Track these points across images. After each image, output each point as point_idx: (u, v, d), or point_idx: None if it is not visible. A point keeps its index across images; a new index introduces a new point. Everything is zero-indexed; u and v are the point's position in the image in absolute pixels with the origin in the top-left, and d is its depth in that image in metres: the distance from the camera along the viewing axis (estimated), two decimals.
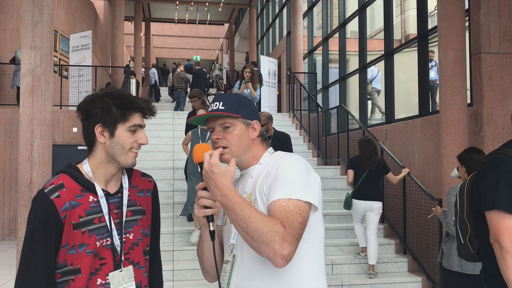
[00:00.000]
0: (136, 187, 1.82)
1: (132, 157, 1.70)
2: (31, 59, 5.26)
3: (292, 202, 1.49)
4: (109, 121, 1.67)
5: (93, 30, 15.95)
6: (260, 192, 1.60)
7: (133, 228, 1.77)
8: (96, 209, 1.68)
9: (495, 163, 2.01)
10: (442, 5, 5.75)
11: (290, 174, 1.55)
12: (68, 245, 1.64)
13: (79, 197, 1.66)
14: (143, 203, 1.82)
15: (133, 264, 1.76)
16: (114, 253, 1.71)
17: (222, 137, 1.65)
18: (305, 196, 1.51)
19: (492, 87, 5.84)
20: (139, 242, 1.78)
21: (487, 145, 5.73)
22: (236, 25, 26.82)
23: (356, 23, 10.50)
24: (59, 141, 10.50)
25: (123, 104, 1.68)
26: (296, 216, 1.47)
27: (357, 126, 8.82)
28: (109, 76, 14.09)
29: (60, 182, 1.66)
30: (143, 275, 1.79)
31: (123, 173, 1.80)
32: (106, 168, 1.71)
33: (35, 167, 5.22)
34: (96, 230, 1.67)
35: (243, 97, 1.74)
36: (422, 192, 6.31)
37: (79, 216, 1.64)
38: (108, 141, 1.68)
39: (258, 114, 1.76)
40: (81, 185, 1.68)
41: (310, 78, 14.18)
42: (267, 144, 1.77)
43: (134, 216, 1.78)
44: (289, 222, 1.45)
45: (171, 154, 9.41)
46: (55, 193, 1.63)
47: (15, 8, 12.18)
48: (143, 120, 1.74)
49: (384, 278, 6.01)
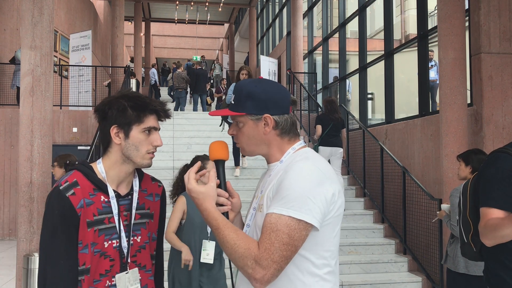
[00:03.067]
0: (146, 190, 1.83)
1: (148, 158, 1.71)
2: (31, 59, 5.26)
3: (282, 219, 1.40)
4: (124, 122, 1.68)
5: (93, 30, 15.95)
6: (267, 198, 1.52)
7: (141, 231, 1.78)
8: (107, 209, 1.69)
9: (492, 160, 2.04)
10: (442, 5, 5.75)
11: (291, 185, 1.42)
12: (82, 244, 1.64)
13: (92, 196, 1.67)
14: (152, 207, 1.83)
15: (140, 267, 1.76)
16: (122, 255, 1.71)
17: (236, 133, 1.62)
18: (299, 214, 1.39)
19: (492, 87, 5.84)
20: (146, 245, 1.79)
21: (487, 145, 5.73)
22: (236, 25, 26.82)
23: (356, 23, 10.50)
24: (59, 141, 10.50)
25: (137, 106, 1.69)
26: (281, 237, 1.38)
27: (357, 126, 8.82)
28: (108, 76, 14.09)
29: (75, 180, 1.66)
30: (149, 278, 1.79)
31: (134, 176, 1.80)
32: (120, 168, 1.72)
33: (35, 167, 5.22)
34: (105, 230, 1.68)
35: (255, 86, 1.56)
36: (422, 192, 6.31)
37: (92, 214, 1.65)
38: (123, 142, 1.69)
39: (274, 102, 1.54)
40: (94, 184, 1.69)
41: (310, 78, 14.18)
42: (291, 137, 1.59)
43: (142, 219, 1.79)
44: (268, 244, 1.38)
45: (171, 154, 9.40)
46: (70, 191, 1.63)
47: (15, 8, 12.18)
48: (158, 122, 1.74)
49: (384, 278, 6.01)
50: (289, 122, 1.57)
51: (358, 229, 6.93)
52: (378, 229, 7.00)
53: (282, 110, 1.56)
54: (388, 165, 7.36)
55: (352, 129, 9.11)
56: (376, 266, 6.18)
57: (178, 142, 9.82)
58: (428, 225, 6.23)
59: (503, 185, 1.96)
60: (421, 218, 6.40)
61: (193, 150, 9.71)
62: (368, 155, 8.11)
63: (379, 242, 6.72)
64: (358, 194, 8.04)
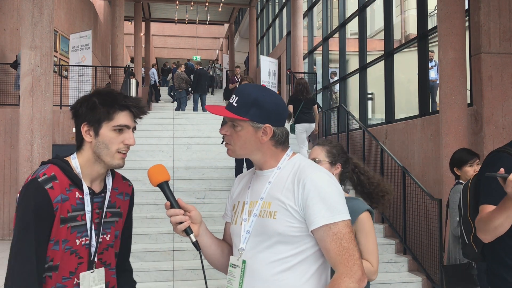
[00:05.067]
0: (117, 189, 1.81)
1: (118, 158, 1.67)
2: (31, 59, 5.26)
3: (339, 225, 1.50)
4: (93, 120, 1.64)
5: (93, 30, 15.94)
6: (285, 208, 1.55)
7: (111, 229, 1.77)
8: (80, 206, 1.66)
9: (493, 160, 2.04)
10: (442, 5, 5.75)
11: (326, 193, 1.52)
12: (54, 240, 1.60)
13: (68, 192, 1.63)
14: (122, 206, 1.82)
15: (105, 265, 1.76)
16: (89, 253, 1.69)
17: (229, 134, 1.62)
18: (345, 215, 1.53)
19: (492, 87, 5.84)
20: (113, 243, 1.79)
21: (487, 145, 5.73)
22: (236, 25, 26.81)
23: (356, 23, 10.49)
24: (59, 141, 10.49)
25: (107, 102, 1.64)
26: (348, 238, 1.51)
27: (357, 126, 8.82)
28: (108, 76, 14.09)
29: (53, 174, 1.62)
30: (112, 276, 1.80)
31: (107, 174, 1.78)
32: (93, 167, 1.69)
33: (35, 167, 5.21)
34: (77, 227, 1.65)
35: (263, 95, 1.59)
36: (422, 192, 6.31)
37: (67, 210, 1.62)
38: (94, 140, 1.66)
39: (277, 115, 1.60)
40: (70, 179, 1.65)
41: (310, 78, 14.18)
42: (284, 147, 1.65)
43: (112, 218, 1.78)
44: (346, 253, 1.49)
45: (171, 154, 9.40)
46: (49, 184, 1.59)
47: (15, 8, 12.18)
48: (132, 120, 1.69)
49: (384, 278, 6.01)
50: (284, 134, 1.64)
51: None
52: (378, 229, 7.00)
53: (281, 123, 1.63)
54: (388, 165, 7.35)
55: (352, 129, 9.11)
56: None
57: (178, 142, 9.82)
58: (428, 225, 6.22)
59: None
60: (421, 218, 6.40)
61: (193, 150, 9.72)
62: (368, 155, 8.11)
63: (379, 242, 6.71)
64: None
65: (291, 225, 1.53)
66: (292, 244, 1.54)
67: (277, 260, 1.55)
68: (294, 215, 1.53)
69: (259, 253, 1.57)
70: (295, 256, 1.54)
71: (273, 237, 1.54)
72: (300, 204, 1.52)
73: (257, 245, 1.58)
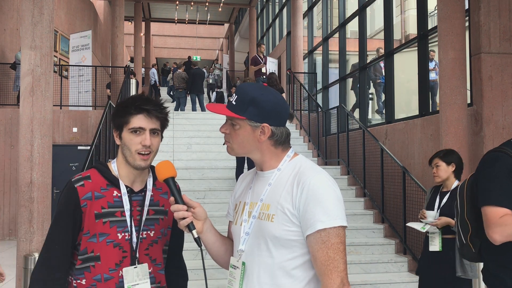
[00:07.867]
0: (161, 189, 1.93)
1: (139, 159, 1.78)
2: (31, 59, 5.26)
3: (333, 231, 1.47)
4: (117, 125, 1.81)
5: (93, 30, 15.95)
6: (282, 211, 1.53)
7: (155, 226, 1.86)
8: (118, 203, 1.79)
9: (491, 160, 2.04)
10: (442, 5, 5.75)
11: (324, 198, 1.49)
12: (90, 233, 1.75)
13: (104, 190, 1.79)
14: (166, 204, 1.91)
15: (151, 260, 1.84)
16: (131, 247, 1.80)
17: (228, 132, 1.62)
18: (341, 221, 1.49)
19: (492, 87, 5.84)
20: (159, 240, 1.87)
21: (487, 145, 5.73)
22: (236, 25, 26.82)
23: (356, 23, 10.50)
24: (59, 141, 10.50)
25: (124, 107, 1.80)
26: (337, 248, 1.47)
27: (357, 126, 8.82)
28: (109, 76, 14.09)
29: (88, 175, 1.81)
30: (159, 272, 1.87)
31: (149, 176, 1.90)
32: (126, 168, 1.83)
33: (35, 167, 5.21)
34: (117, 222, 1.78)
35: (261, 94, 1.57)
36: (422, 192, 6.31)
37: (101, 207, 1.76)
38: (120, 143, 1.82)
39: (276, 114, 1.58)
40: (108, 180, 1.81)
41: (310, 78, 14.18)
42: (284, 147, 1.62)
43: (156, 215, 1.88)
44: (331, 263, 1.46)
45: (171, 154, 9.40)
46: (80, 182, 1.77)
47: (15, 8, 12.18)
48: (149, 122, 1.78)
49: (384, 278, 6.01)
50: (284, 134, 1.61)
51: (358, 229, 6.93)
52: (378, 229, 7.01)
53: (280, 123, 1.60)
54: (388, 165, 7.35)
55: (352, 129, 9.11)
56: (376, 266, 6.18)
57: (178, 142, 9.82)
58: None
59: (506, 184, 1.97)
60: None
61: (193, 150, 9.72)
62: (368, 155, 8.11)
63: (379, 242, 6.72)
64: (358, 194, 8.04)
65: (288, 229, 1.51)
66: (289, 248, 1.52)
67: (275, 264, 1.53)
68: (291, 219, 1.51)
69: (258, 256, 1.56)
70: (293, 261, 1.53)
71: (270, 240, 1.53)
72: (298, 207, 1.50)
73: (256, 247, 1.58)
